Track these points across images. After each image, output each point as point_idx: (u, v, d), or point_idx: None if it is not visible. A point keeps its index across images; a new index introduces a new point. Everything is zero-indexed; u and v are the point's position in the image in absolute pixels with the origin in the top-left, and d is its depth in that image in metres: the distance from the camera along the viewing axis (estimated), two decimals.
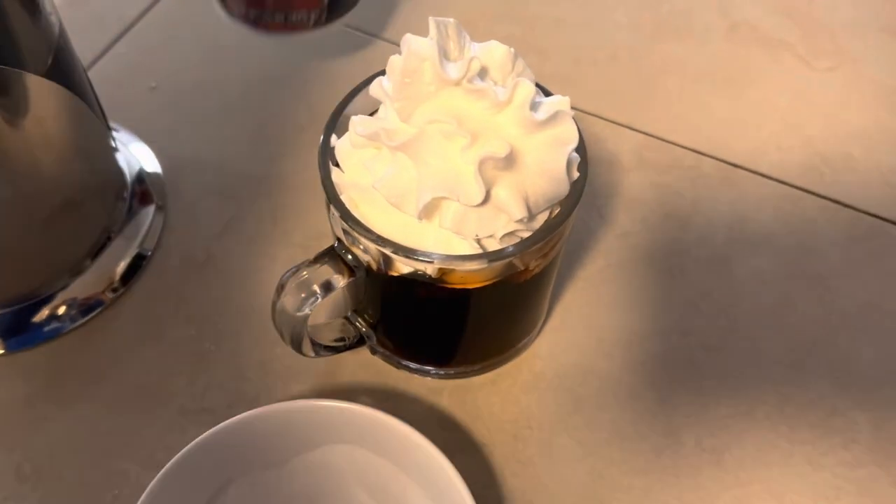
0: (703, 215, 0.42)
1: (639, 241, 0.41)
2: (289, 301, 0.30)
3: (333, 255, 0.30)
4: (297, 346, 0.32)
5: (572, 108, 0.28)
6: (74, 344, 0.37)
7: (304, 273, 0.30)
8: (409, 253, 0.28)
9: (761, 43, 0.49)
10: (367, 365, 0.37)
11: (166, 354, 0.37)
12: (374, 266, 0.30)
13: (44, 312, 0.37)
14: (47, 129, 0.33)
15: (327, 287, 0.30)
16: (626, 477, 0.34)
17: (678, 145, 0.44)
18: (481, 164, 0.27)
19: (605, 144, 0.44)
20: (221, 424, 0.30)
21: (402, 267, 0.29)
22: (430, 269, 0.29)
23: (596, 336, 0.38)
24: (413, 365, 0.36)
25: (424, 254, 0.28)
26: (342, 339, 0.35)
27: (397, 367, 0.36)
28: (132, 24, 0.49)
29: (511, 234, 0.28)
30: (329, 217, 0.30)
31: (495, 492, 0.34)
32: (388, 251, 0.28)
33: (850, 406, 0.36)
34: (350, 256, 0.30)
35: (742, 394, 0.36)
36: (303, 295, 0.29)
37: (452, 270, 0.29)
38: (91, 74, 0.45)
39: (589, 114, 0.45)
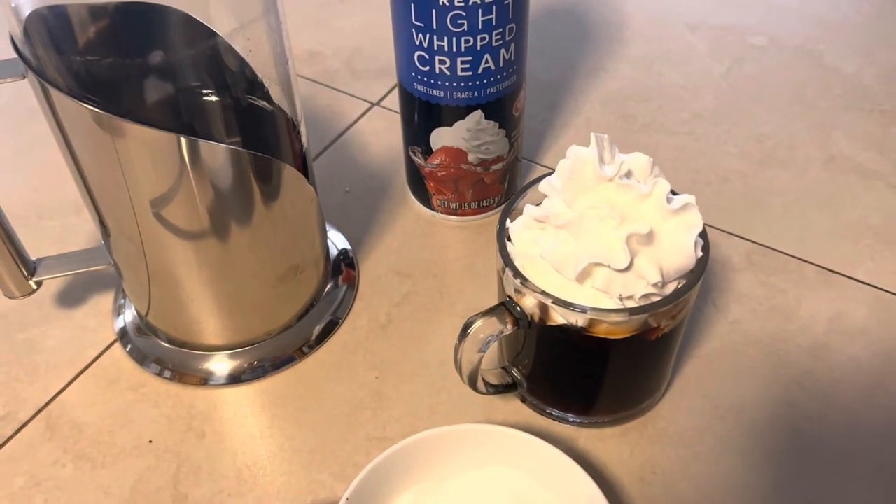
0: (806, 310, 0.49)
1: (748, 327, 0.48)
2: (470, 342, 0.38)
3: (503, 310, 0.39)
4: (472, 382, 0.40)
5: None
6: (280, 383, 0.46)
7: (481, 321, 0.38)
8: (567, 305, 0.36)
9: (856, 172, 0.57)
10: (516, 412, 0.44)
11: (356, 393, 0.46)
12: (535, 317, 0.38)
13: (258, 356, 0.47)
14: (292, 208, 0.43)
15: (499, 333, 0.38)
16: None
17: (783, 252, 0.52)
18: (628, 239, 0.35)
19: (718, 249, 0.52)
20: (402, 442, 0.39)
21: (558, 318, 0.37)
22: (581, 321, 0.37)
23: (712, 403, 0.44)
24: (556, 412, 0.43)
25: (580, 307, 0.36)
26: (500, 386, 0.43)
27: (542, 414, 0.44)
28: (331, 143, 0.61)
29: (647, 296, 0.36)
30: (502, 279, 0.40)
31: None
32: (549, 303, 0.37)
33: None
34: (518, 309, 0.39)
35: (841, 458, 0.42)
36: (481, 336, 0.38)
37: (599, 322, 0.37)
38: None
39: (705, 225, 0.53)
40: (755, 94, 0.64)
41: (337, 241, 0.53)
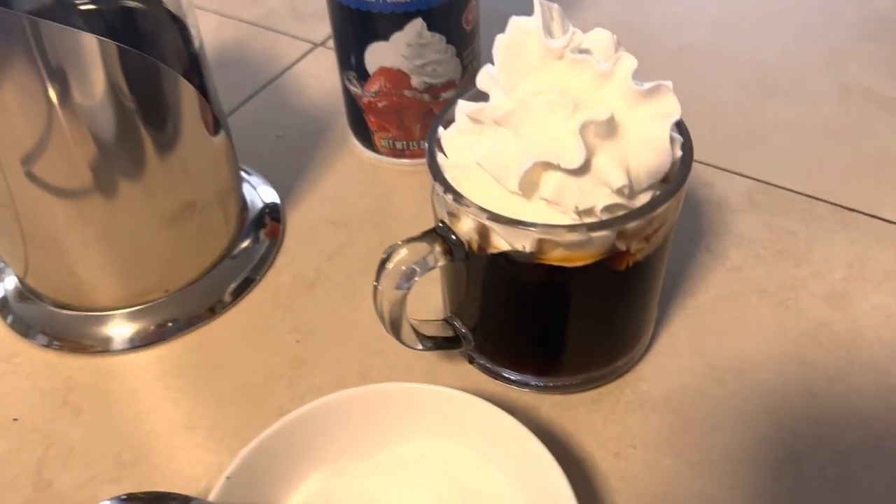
0: (819, 253, 0.40)
1: (750, 274, 0.39)
2: (389, 276, 0.30)
3: (434, 235, 0.31)
4: (395, 329, 0.32)
5: None
6: (180, 349, 0.38)
7: (405, 251, 0.30)
8: (509, 222, 0.28)
9: (875, 103, 0.48)
10: (465, 377, 0.36)
11: (270, 359, 0.37)
12: (473, 245, 0.30)
13: (156, 319, 0.39)
14: (180, 127, 0.35)
15: (426, 263, 0.30)
16: (741, 501, 0.31)
17: (791, 190, 0.43)
18: (582, 129, 0.27)
19: (713, 188, 0.44)
20: (305, 407, 0.30)
21: (501, 243, 0.29)
22: (528, 244, 0.29)
23: (706, 362, 0.36)
24: (512, 376, 0.35)
25: (524, 223, 0.28)
26: (439, 339, 0.34)
27: (495, 378, 0.35)
28: (264, 87, 0.53)
29: (611, 208, 0.28)
30: (433, 201, 0.31)
31: None
32: (486, 221, 0.28)
33: None
34: (453, 237, 0.30)
35: (869, 425, 0.33)
36: (403, 268, 0.30)
37: (552, 245, 0.29)
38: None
39: (696, 161, 0.45)
40: (754, 25, 0.56)
41: (265, 194, 0.45)
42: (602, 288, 0.31)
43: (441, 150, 0.31)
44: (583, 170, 0.27)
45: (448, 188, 0.29)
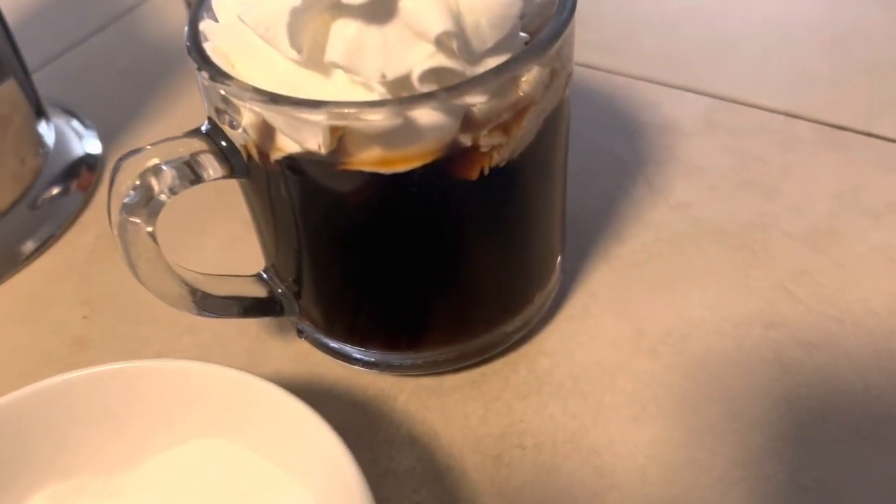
0: (798, 183, 0.30)
1: (704, 212, 0.29)
2: (119, 192, 0.20)
3: (200, 136, 0.21)
4: (137, 274, 0.21)
5: (616, 73, 0.19)
6: None
7: (150, 155, 0.20)
8: (283, 103, 0.18)
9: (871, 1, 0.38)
10: (300, 358, 0.26)
11: (44, 341, 0.28)
12: (252, 150, 0.20)
13: None
14: None
15: (182, 176, 0.20)
16: None
17: (760, 108, 0.33)
18: None
19: (658, 109, 0.34)
20: (17, 393, 0.21)
21: (287, 142, 0.19)
22: (322, 139, 0.19)
23: (635, 327, 0.26)
24: (357, 353, 0.25)
25: (305, 103, 0.18)
26: (247, 301, 0.24)
27: (341, 360, 0.25)
28: (117, 19, 0.44)
29: (439, 73, 0.18)
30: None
31: None
32: (255, 105, 0.19)
33: None
34: (223, 143, 0.21)
35: (864, 407, 0.23)
36: (138, 182, 0.20)
37: (359, 139, 0.19)
38: (62, 61, 0.41)
39: (638, 78, 0.35)
40: None
41: (87, 138, 0.36)
42: (448, 208, 0.21)
43: (214, 16, 0.21)
44: (384, 11, 0.18)
45: (203, 62, 0.20)
